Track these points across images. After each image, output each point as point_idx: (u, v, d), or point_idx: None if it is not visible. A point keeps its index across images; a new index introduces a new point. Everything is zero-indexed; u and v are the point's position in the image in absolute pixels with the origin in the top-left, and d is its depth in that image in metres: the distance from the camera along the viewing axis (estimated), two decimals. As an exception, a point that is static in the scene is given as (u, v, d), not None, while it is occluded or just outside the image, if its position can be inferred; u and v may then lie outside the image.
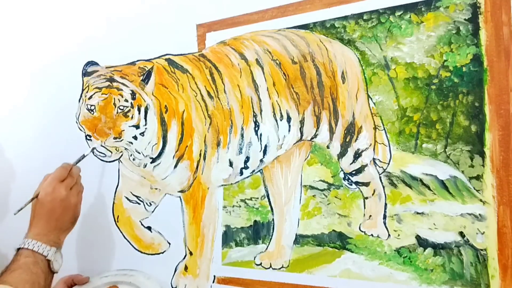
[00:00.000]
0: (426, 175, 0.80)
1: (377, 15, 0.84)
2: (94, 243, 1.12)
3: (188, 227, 1.01)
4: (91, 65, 1.04)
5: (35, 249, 0.85)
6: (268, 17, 0.94)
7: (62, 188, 0.92)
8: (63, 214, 0.91)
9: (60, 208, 0.91)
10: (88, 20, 1.17)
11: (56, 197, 0.90)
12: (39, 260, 0.85)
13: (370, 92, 0.85)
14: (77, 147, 1.03)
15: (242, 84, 0.95)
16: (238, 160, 0.96)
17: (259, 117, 0.94)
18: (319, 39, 0.90)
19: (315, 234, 0.89)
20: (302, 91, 0.91)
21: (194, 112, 0.98)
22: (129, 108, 0.98)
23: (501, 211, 0.74)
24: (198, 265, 1.00)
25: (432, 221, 0.79)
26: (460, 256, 0.77)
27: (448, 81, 0.79)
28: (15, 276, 0.80)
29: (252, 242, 0.95)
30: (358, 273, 0.84)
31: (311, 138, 0.91)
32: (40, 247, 0.86)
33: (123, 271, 1.07)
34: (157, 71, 1.00)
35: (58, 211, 0.90)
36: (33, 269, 0.83)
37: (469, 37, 0.77)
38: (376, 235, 0.83)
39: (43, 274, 0.84)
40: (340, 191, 0.87)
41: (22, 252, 0.85)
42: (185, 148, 0.99)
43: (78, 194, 0.96)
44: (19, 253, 0.85)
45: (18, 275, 0.80)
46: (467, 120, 0.77)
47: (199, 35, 1.01)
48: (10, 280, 0.79)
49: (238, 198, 0.97)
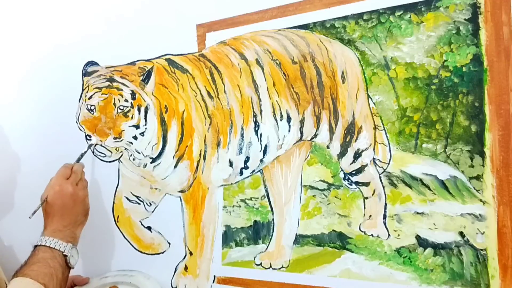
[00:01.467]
0: (426, 175, 0.80)
1: (377, 15, 0.84)
2: (94, 243, 1.12)
3: (188, 227, 1.01)
4: (91, 65, 1.04)
5: (52, 246, 0.88)
6: (268, 17, 0.94)
7: (68, 185, 0.94)
8: (75, 208, 0.94)
9: (71, 202, 0.94)
10: (88, 19, 1.16)
11: (65, 194, 0.93)
12: (57, 255, 0.87)
13: (370, 92, 0.85)
14: (77, 147, 1.03)
15: (242, 84, 0.95)
16: (238, 160, 0.96)
17: (259, 117, 0.94)
18: (319, 39, 0.90)
19: (315, 234, 0.89)
20: (302, 91, 0.91)
21: (194, 112, 0.98)
22: (129, 108, 0.98)
23: (501, 211, 0.74)
24: (198, 265, 1.00)
25: (432, 221, 0.79)
26: (460, 256, 0.77)
27: (448, 81, 0.79)
28: (34, 269, 0.83)
29: (252, 242, 0.95)
30: (358, 273, 0.84)
31: (311, 138, 0.91)
32: (57, 244, 0.88)
33: (123, 271, 1.07)
34: (157, 71, 1.00)
35: (69, 206, 0.93)
36: (51, 263, 0.85)
37: (469, 37, 0.77)
38: (376, 235, 0.83)
39: (61, 268, 0.87)
40: (340, 191, 0.87)
41: (40, 248, 0.87)
42: (185, 148, 0.99)
43: (85, 188, 0.99)
44: (37, 249, 0.88)
45: (37, 269, 0.83)
46: (467, 120, 0.77)
47: (199, 35, 1.01)
48: (30, 274, 0.82)
49: (238, 198, 0.97)
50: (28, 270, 0.83)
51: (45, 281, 0.82)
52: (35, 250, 0.88)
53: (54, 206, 0.92)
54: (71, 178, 0.96)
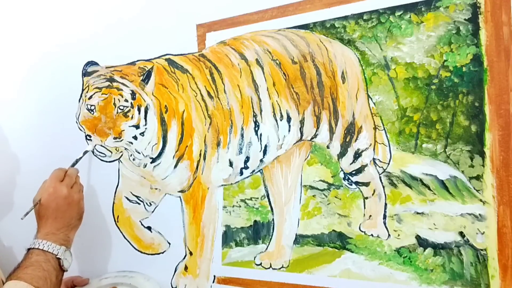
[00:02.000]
0: (426, 175, 0.80)
1: (377, 15, 0.84)
2: (94, 243, 1.12)
3: (188, 227, 1.01)
4: (91, 65, 1.04)
5: (45, 249, 0.87)
6: (268, 17, 0.94)
7: (63, 187, 0.94)
8: (69, 210, 0.93)
9: (65, 205, 0.93)
10: (88, 19, 1.16)
11: (59, 196, 0.92)
12: (50, 258, 0.87)
13: (370, 92, 0.85)
14: (77, 148, 1.03)
15: (242, 84, 0.95)
16: (238, 160, 0.96)
17: (259, 117, 0.94)
18: (319, 39, 0.90)
19: (315, 234, 0.89)
20: (302, 91, 0.91)
21: (194, 112, 0.98)
22: (129, 108, 0.98)
23: (501, 211, 0.74)
24: (198, 265, 1.00)
25: (432, 221, 0.79)
26: (460, 256, 0.77)
27: (448, 81, 0.79)
28: (28, 273, 0.82)
29: (252, 242, 0.95)
30: (358, 273, 0.84)
31: (311, 138, 0.91)
32: (50, 246, 0.88)
33: (123, 272, 1.06)
34: (157, 71, 1.00)
35: (63, 208, 0.92)
36: (44, 267, 0.85)
37: (469, 37, 0.77)
38: (376, 235, 0.83)
39: (55, 271, 0.86)
40: (340, 191, 0.87)
41: (33, 251, 0.87)
42: (185, 148, 0.99)
43: (79, 191, 0.98)
44: (30, 252, 0.87)
45: (31, 272, 0.83)
46: (467, 120, 0.77)
47: (199, 35, 1.01)
48: (23, 277, 0.81)
49: (238, 198, 0.97)
50: (22, 273, 0.82)
51: (39, 284, 0.81)
52: (28, 253, 0.87)
53: (48, 208, 0.91)
54: (65, 180, 0.95)
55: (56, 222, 0.91)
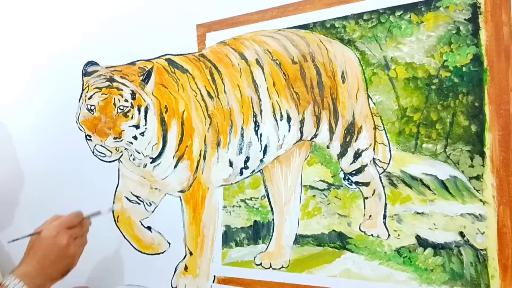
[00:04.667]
0: (426, 175, 0.80)
1: (377, 15, 0.84)
2: (94, 243, 1.12)
3: (188, 227, 1.01)
4: (91, 65, 1.04)
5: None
6: (268, 17, 0.94)
7: (66, 236, 0.88)
8: (57, 262, 0.88)
9: (56, 255, 0.87)
10: (88, 19, 1.17)
11: (56, 243, 0.87)
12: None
13: (370, 92, 0.85)
14: (77, 148, 1.03)
15: (242, 84, 0.95)
16: (238, 160, 0.96)
17: (259, 117, 0.94)
18: (319, 39, 0.90)
19: (315, 234, 0.89)
20: (302, 91, 0.91)
21: (194, 112, 0.98)
22: (129, 108, 0.98)
23: (501, 211, 0.74)
24: (198, 265, 1.00)
25: (432, 221, 0.79)
26: (460, 256, 0.77)
27: (448, 81, 0.79)
28: None
29: (252, 242, 0.95)
30: (358, 273, 0.84)
31: (311, 138, 0.91)
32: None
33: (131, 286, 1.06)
34: (157, 71, 1.00)
35: (52, 257, 0.87)
36: None
37: (469, 37, 0.77)
38: (376, 235, 0.83)
39: None
40: (340, 191, 0.87)
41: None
42: (185, 148, 0.99)
43: (80, 247, 0.93)
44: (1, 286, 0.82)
45: None
46: (467, 120, 0.77)
47: (199, 35, 1.01)
48: None
49: (238, 198, 0.97)
50: None
51: None
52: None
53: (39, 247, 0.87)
54: (73, 230, 0.90)
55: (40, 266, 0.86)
